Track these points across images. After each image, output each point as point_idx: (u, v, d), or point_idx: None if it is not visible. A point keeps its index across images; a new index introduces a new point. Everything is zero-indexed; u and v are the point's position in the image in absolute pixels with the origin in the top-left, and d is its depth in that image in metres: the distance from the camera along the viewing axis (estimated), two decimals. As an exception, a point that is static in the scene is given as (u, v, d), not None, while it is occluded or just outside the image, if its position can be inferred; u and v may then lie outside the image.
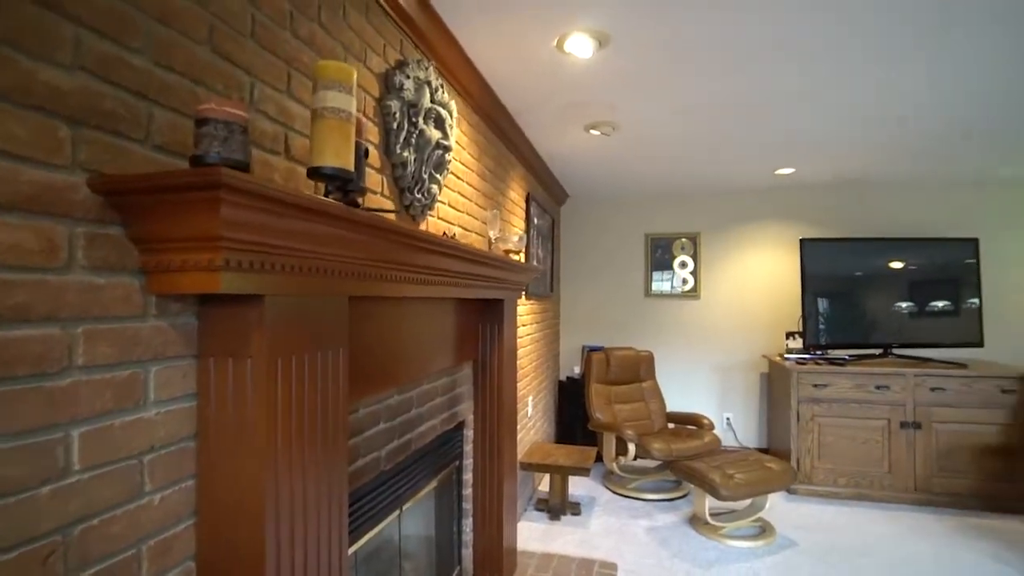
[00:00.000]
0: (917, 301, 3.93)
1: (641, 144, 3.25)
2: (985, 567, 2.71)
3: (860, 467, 3.56)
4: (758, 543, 2.94)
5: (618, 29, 1.88)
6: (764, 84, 2.33)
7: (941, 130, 2.97)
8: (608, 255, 4.84)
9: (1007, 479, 3.36)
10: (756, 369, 4.52)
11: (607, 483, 3.84)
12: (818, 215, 4.43)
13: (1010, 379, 3.40)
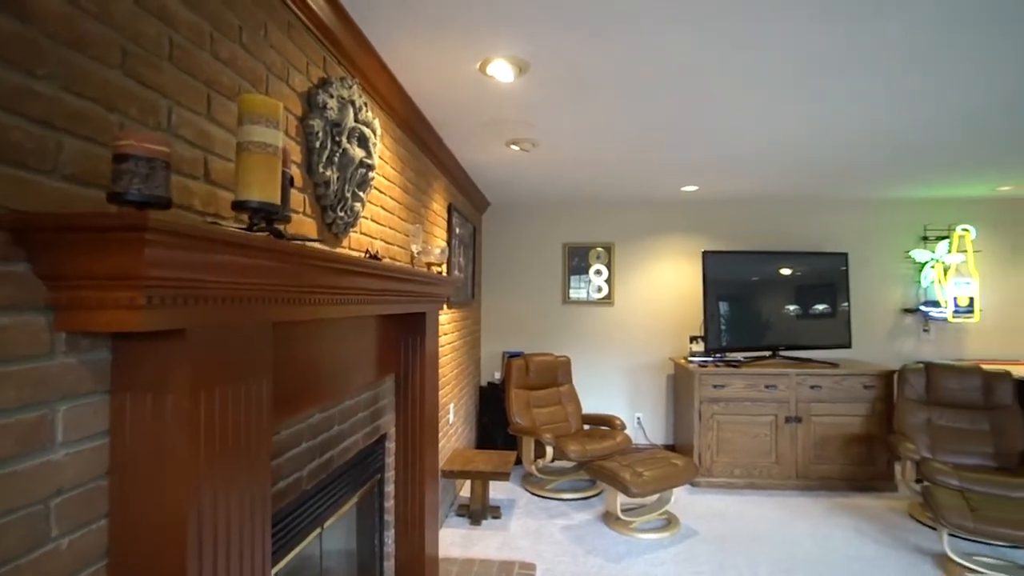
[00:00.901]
0: (802, 304, 4.42)
1: (559, 160, 3.40)
2: (850, 540, 3.11)
3: (752, 459, 3.94)
4: (664, 535, 3.18)
5: (537, 58, 1.98)
6: (670, 111, 2.54)
7: (826, 159, 3.37)
8: (528, 263, 4.99)
9: (867, 462, 3.87)
10: (664, 371, 4.85)
11: (526, 485, 3.97)
12: (719, 229, 4.84)
13: (870, 376, 3.91)
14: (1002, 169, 3.62)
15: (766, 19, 1.69)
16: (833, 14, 1.66)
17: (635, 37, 1.81)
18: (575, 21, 1.71)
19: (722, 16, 1.67)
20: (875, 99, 2.36)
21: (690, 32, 1.77)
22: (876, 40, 1.82)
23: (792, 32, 1.77)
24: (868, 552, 2.98)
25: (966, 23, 1.71)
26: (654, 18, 1.69)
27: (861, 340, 4.63)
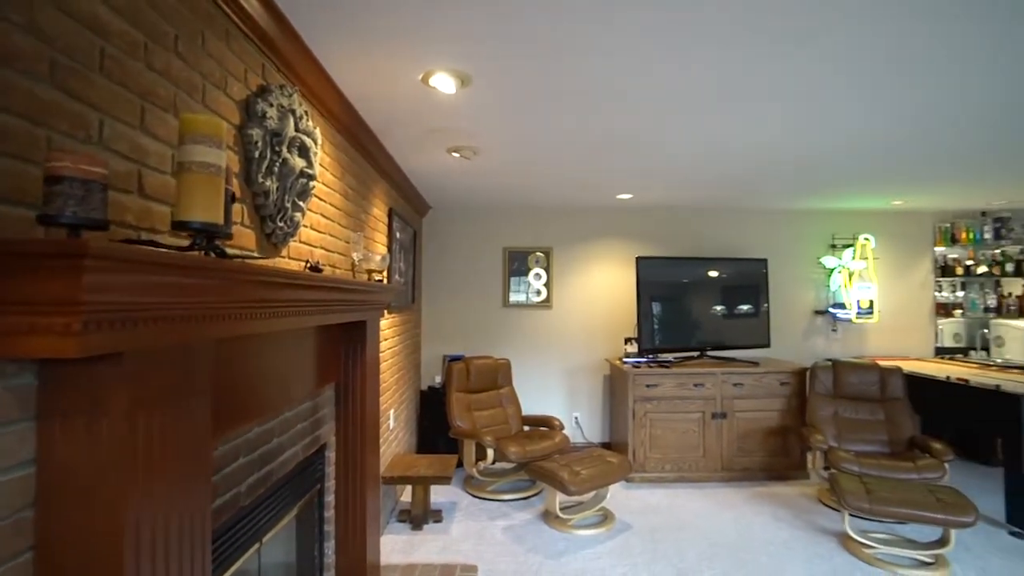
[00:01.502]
0: (728, 306, 4.72)
1: (500, 167, 3.47)
2: (767, 526, 3.37)
3: (682, 454, 4.17)
4: (600, 530, 3.31)
5: (480, 72, 2.02)
6: (606, 125, 2.66)
7: (747, 174, 3.62)
8: (469, 266, 5.02)
9: (783, 453, 4.20)
10: (600, 371, 5.03)
11: (468, 488, 4.01)
12: (652, 235, 5.07)
13: (786, 373, 4.25)
14: (894, 187, 4.04)
15: (686, 47, 1.82)
16: (737, 45, 1.81)
17: (572, 58, 1.89)
18: (516, 41, 1.77)
19: (649, 41, 1.79)
20: (777, 124, 2.58)
21: (622, 55, 1.88)
22: (777, 72, 2.01)
23: (707, 59, 1.92)
24: (783, 536, 3.24)
25: (863, 61, 1.92)
26: (588, 42, 1.78)
27: (779, 340, 5.00)
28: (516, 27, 1.68)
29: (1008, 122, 2.57)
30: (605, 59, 1.90)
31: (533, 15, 1.60)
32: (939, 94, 2.23)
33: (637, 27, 1.68)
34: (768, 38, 1.75)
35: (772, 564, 2.91)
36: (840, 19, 1.63)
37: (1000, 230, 5.11)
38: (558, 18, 1.62)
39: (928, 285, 5.20)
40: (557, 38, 1.74)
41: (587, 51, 1.84)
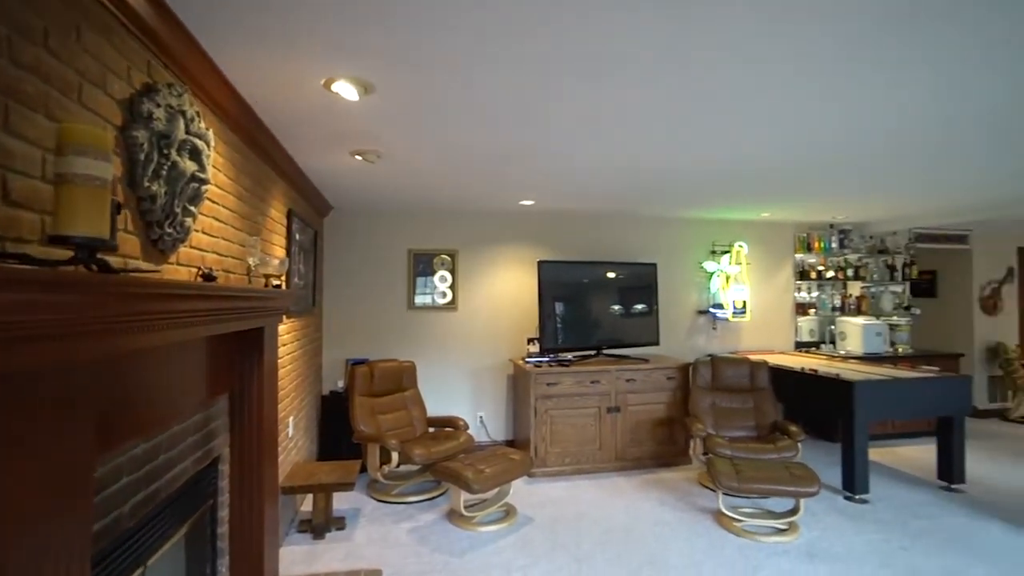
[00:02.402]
0: (623, 307, 5.06)
1: (405, 171, 3.48)
2: (655, 509, 3.68)
3: (580, 447, 4.42)
4: (503, 525, 3.44)
5: (382, 81, 2.05)
6: (509, 135, 2.77)
7: (641, 185, 3.91)
8: (373, 268, 4.95)
9: (670, 442, 4.59)
10: (504, 371, 5.18)
11: (372, 492, 3.97)
12: (553, 239, 5.31)
13: (672, 369, 4.65)
14: (762, 202, 4.57)
15: (581, 71, 1.98)
16: (606, 77, 2.01)
17: (473, 73, 1.98)
18: (417, 54, 1.82)
19: (544, 63, 1.92)
20: (662, 145, 2.86)
21: (522, 72, 2.00)
22: (660, 97, 2.24)
23: (599, 82, 2.10)
24: (668, 517, 3.56)
25: (732, 99, 2.19)
26: (488, 58, 1.87)
27: (667, 338, 5.45)
28: (417, 41, 1.73)
29: (844, 157, 3.03)
30: (505, 75, 2.01)
31: (432, 31, 1.66)
32: (796, 130, 2.58)
33: (533, 50, 1.80)
34: (640, 68, 1.95)
35: (658, 544, 3.19)
36: (718, 58, 1.86)
37: (844, 240, 5.94)
38: (457, 35, 1.69)
39: (790, 287, 5.92)
40: (457, 53, 1.81)
41: (488, 67, 1.93)
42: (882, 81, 2.04)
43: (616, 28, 1.64)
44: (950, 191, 4.17)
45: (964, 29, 1.64)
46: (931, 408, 4.06)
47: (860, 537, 3.25)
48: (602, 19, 1.59)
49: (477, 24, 1.60)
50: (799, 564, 2.93)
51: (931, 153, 3.05)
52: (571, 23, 1.61)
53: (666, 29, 1.64)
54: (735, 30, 1.65)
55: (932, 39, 1.71)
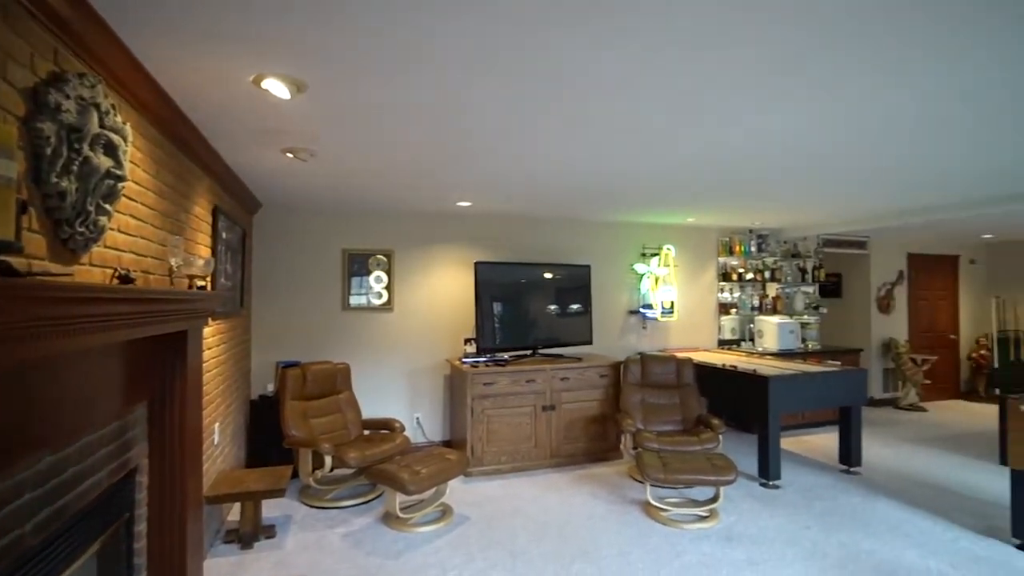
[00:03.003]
0: (559, 308, 5.19)
1: (339, 171, 3.41)
2: (588, 503, 3.82)
3: (516, 445, 4.50)
4: (439, 525, 3.45)
5: (315, 81, 2.02)
6: (445, 139, 2.79)
7: (578, 187, 4.03)
8: (306, 268, 4.81)
9: (602, 438, 4.77)
10: (441, 372, 5.18)
11: (304, 499, 3.86)
12: (491, 240, 5.36)
13: (604, 367, 4.82)
14: (687, 208, 4.83)
15: (518, 76, 2.04)
16: (539, 84, 2.09)
17: (408, 74, 1.99)
18: (351, 54, 1.81)
19: (476, 66, 1.96)
20: (592, 152, 2.98)
21: (453, 77, 2.03)
22: (579, 110, 2.34)
23: (532, 93, 2.17)
24: (600, 510, 3.70)
25: (651, 113, 2.32)
26: (421, 58, 1.89)
27: (600, 337, 5.64)
28: (352, 42, 1.72)
29: (761, 168, 3.27)
30: (440, 78, 2.03)
31: (367, 32, 1.66)
32: (721, 143, 2.76)
33: (467, 55, 1.83)
34: (571, 78, 2.04)
35: (590, 536, 3.31)
36: (646, 75, 1.97)
37: (762, 244, 6.38)
38: (392, 37, 1.70)
39: (713, 288, 6.28)
40: (392, 55, 1.82)
41: (423, 70, 1.95)
42: (780, 107, 2.23)
43: (550, 37, 1.70)
44: (849, 201, 4.59)
45: (863, 57, 1.83)
46: (834, 399, 4.45)
47: (772, 520, 3.52)
48: (537, 29, 1.65)
49: (412, 26, 1.61)
50: (718, 547, 3.14)
51: (834, 166, 3.36)
52: (505, 30, 1.66)
53: (598, 44, 1.73)
54: (664, 50, 1.76)
55: (838, 65, 1.89)
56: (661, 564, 2.95)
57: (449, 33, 1.66)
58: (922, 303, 7.44)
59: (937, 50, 1.76)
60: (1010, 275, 7.53)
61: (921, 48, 1.75)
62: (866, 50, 1.76)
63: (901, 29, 1.62)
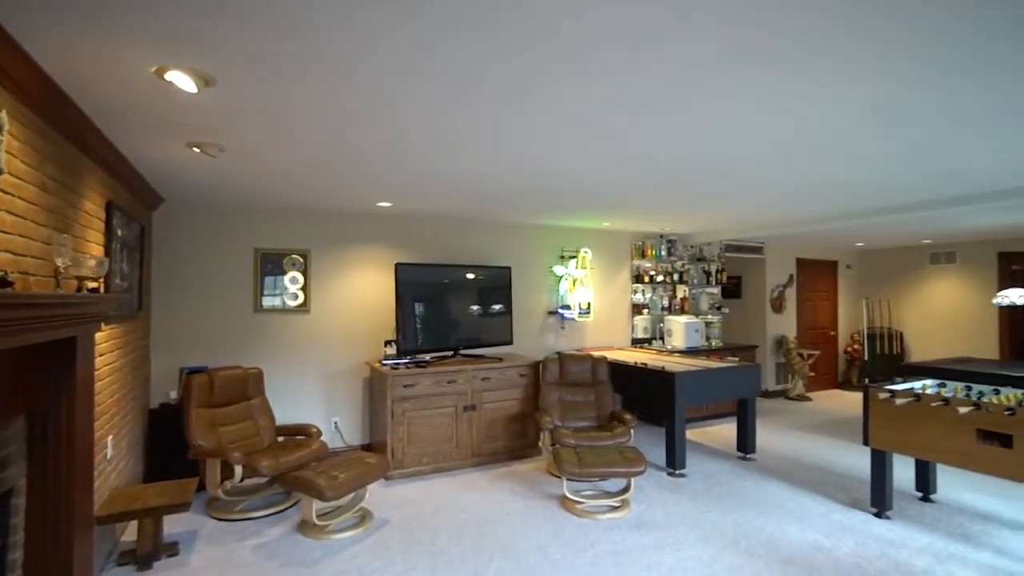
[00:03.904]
0: (480, 309, 5.25)
1: (251, 168, 3.27)
2: (508, 499, 3.91)
3: (437, 446, 4.51)
4: (358, 530, 3.40)
5: (225, 76, 1.94)
6: (358, 140, 2.76)
7: (495, 192, 4.10)
8: (213, 268, 4.54)
9: (522, 436, 4.89)
10: (360, 374, 5.08)
11: (212, 512, 3.66)
12: (412, 241, 5.32)
13: (524, 366, 4.95)
14: (603, 212, 5.07)
15: (433, 81, 2.08)
16: (453, 89, 2.15)
17: (322, 72, 1.97)
18: (263, 54, 1.77)
19: (390, 72, 1.98)
20: (505, 158, 3.07)
21: (367, 81, 2.03)
22: (494, 115, 2.42)
23: (431, 101, 2.21)
24: (519, 506, 3.81)
25: (563, 124, 2.44)
26: (335, 56, 1.88)
27: (520, 338, 5.77)
28: (263, 38, 1.68)
29: (667, 178, 3.52)
30: (354, 83, 2.02)
31: (279, 28, 1.62)
32: (635, 151, 2.94)
33: (382, 55, 1.85)
34: (486, 84, 2.11)
35: (509, 531, 3.40)
36: (559, 86, 2.07)
37: (671, 248, 6.80)
38: (305, 34, 1.67)
39: (627, 290, 6.62)
40: (306, 52, 1.78)
41: (337, 69, 1.94)
42: (680, 121, 2.43)
43: (464, 44, 1.76)
44: (748, 211, 5.02)
45: (761, 79, 2.04)
46: (732, 392, 4.85)
47: (677, 506, 3.78)
48: (448, 35, 1.69)
49: (324, 24, 1.59)
50: (628, 535, 3.33)
51: (732, 180, 3.67)
52: (419, 34, 1.69)
53: (517, 53, 1.80)
54: (573, 64, 1.87)
55: (726, 89, 2.09)
56: (576, 554, 3.10)
57: (364, 36, 1.66)
58: (808, 303, 8.25)
59: (819, 79, 2.00)
60: (877, 278, 8.55)
61: (805, 75, 1.97)
62: (753, 79, 1.97)
63: (785, 61, 1.83)
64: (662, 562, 3.00)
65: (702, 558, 3.04)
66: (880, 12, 1.49)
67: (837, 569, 2.91)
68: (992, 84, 2.01)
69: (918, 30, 1.60)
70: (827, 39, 1.65)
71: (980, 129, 2.55)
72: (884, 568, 2.93)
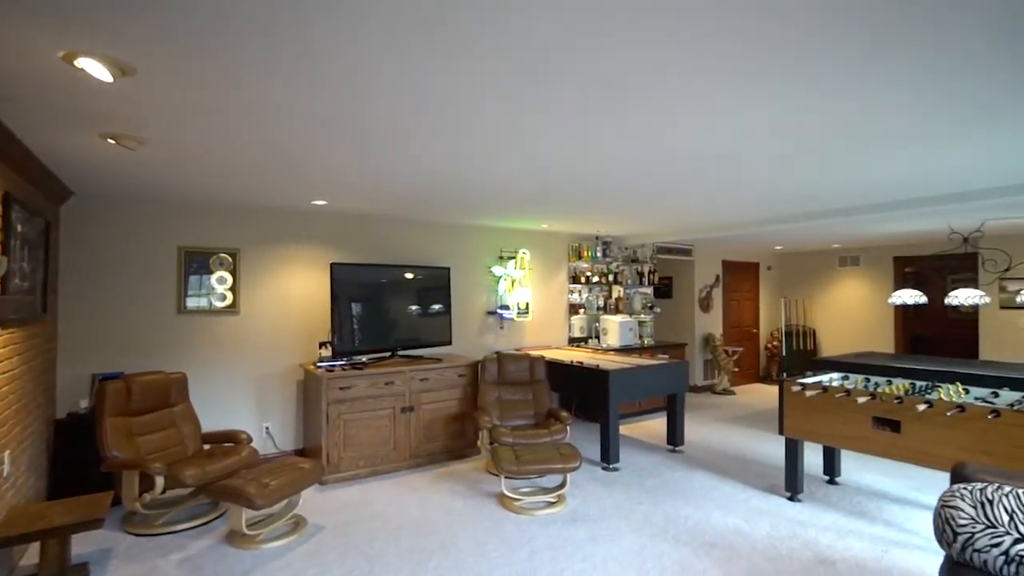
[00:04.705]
0: (419, 308, 5.21)
1: (175, 162, 3.10)
2: (446, 500, 3.92)
3: (374, 449, 4.45)
4: (291, 538, 3.30)
5: (145, 66, 1.84)
6: (291, 140, 2.69)
7: (438, 192, 4.09)
8: (131, 267, 4.26)
9: (461, 436, 4.91)
10: (294, 377, 4.92)
11: (129, 527, 3.43)
12: (350, 240, 5.21)
13: (463, 367, 4.97)
14: (540, 215, 5.17)
15: (361, 78, 2.07)
16: (376, 90, 2.16)
17: (248, 67, 1.91)
18: (187, 41, 1.69)
19: (312, 67, 1.96)
20: (438, 159, 3.09)
21: (291, 78, 2.00)
22: (426, 116, 2.45)
23: (353, 100, 2.21)
24: (458, 505, 3.82)
25: (497, 130, 2.49)
26: (258, 62, 1.84)
27: (459, 338, 5.78)
28: (186, 28, 1.61)
29: (598, 184, 3.65)
30: (285, 81, 1.98)
31: (203, 18, 1.56)
32: (573, 157, 3.02)
33: (306, 51, 1.82)
34: (414, 84, 2.12)
35: (448, 531, 3.41)
36: (485, 96, 2.10)
37: (606, 250, 7.03)
38: (230, 26, 1.62)
39: (564, 290, 6.77)
40: (232, 44, 1.72)
41: (267, 73, 1.89)
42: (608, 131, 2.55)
43: (401, 50, 1.76)
44: (677, 215, 5.28)
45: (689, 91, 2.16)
46: (663, 388, 5.08)
47: (611, 499, 3.93)
48: (387, 42, 1.70)
49: (247, 17, 1.55)
50: (564, 529, 3.43)
51: (660, 188, 3.86)
52: (349, 35, 1.68)
53: (453, 58, 1.83)
54: (497, 72, 1.91)
55: (654, 102, 2.21)
56: (514, 550, 3.16)
57: (299, 39, 1.63)
58: (733, 303, 8.76)
59: (745, 93, 2.15)
60: (794, 280, 9.20)
61: (728, 91, 2.12)
62: (680, 93, 2.09)
63: (708, 78, 1.96)
64: (596, 553, 3.11)
65: (633, 548, 3.18)
66: (784, 40, 1.64)
67: (754, 550, 3.13)
68: (890, 106, 2.23)
69: (815, 58, 1.76)
70: (743, 62, 1.79)
71: (878, 147, 2.83)
72: (795, 547, 3.18)
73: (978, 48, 1.69)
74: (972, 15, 1.50)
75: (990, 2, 1.43)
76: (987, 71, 1.88)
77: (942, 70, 1.87)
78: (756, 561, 3.01)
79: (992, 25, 1.56)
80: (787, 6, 1.46)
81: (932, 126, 2.50)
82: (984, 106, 2.23)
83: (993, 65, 1.83)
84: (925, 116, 2.36)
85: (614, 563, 3.00)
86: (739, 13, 1.50)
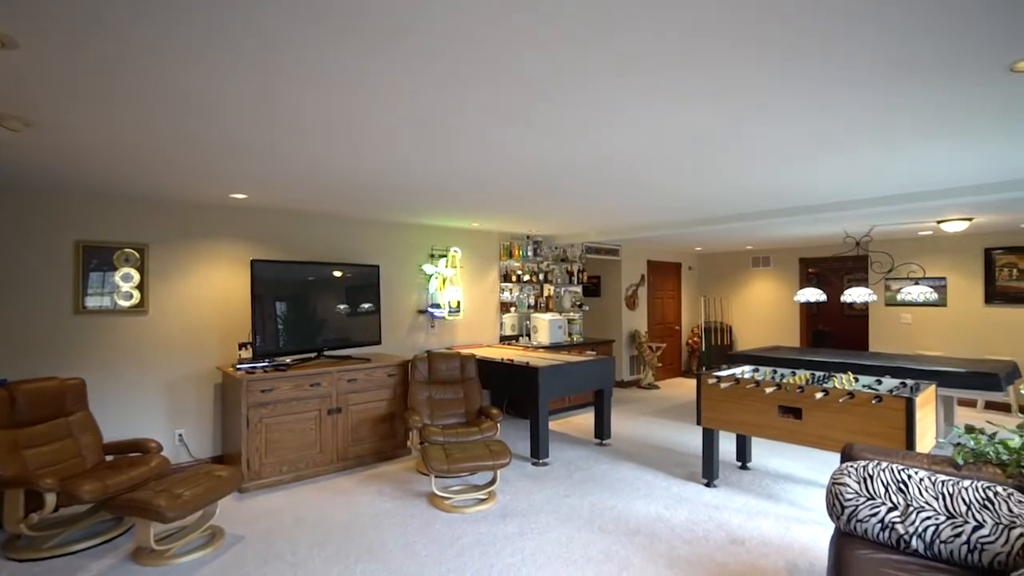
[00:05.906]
0: (350, 305, 5.07)
1: (68, 148, 2.85)
2: (375, 501, 3.84)
3: (299, 453, 4.28)
4: (207, 551, 3.12)
5: (29, 39, 1.68)
6: (196, 129, 2.55)
7: (354, 189, 3.98)
8: (17, 263, 3.85)
9: (391, 436, 4.83)
10: (211, 381, 4.64)
11: (11, 553, 3.09)
12: (270, 237, 4.98)
13: (393, 366, 4.89)
14: (471, 213, 5.18)
15: (275, 66, 2.00)
16: (288, 78, 2.11)
17: (158, 57, 1.80)
18: (77, 15, 1.57)
19: (232, 52, 1.88)
20: (369, 157, 3.05)
21: (202, 63, 1.90)
22: (349, 110, 2.41)
23: (265, 89, 2.15)
24: (386, 507, 3.76)
25: (424, 132, 2.48)
26: (165, 47, 1.74)
27: (389, 337, 5.68)
28: (79, 7, 1.50)
29: (526, 185, 3.71)
30: (185, 67, 1.88)
31: (112, 8, 1.47)
32: (499, 156, 3.05)
33: (220, 34, 1.74)
34: (343, 79, 2.08)
35: (376, 533, 3.35)
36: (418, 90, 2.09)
37: (537, 249, 7.14)
38: (116, 11, 1.53)
39: (496, 288, 6.82)
40: (138, 33, 1.63)
41: (177, 57, 1.78)
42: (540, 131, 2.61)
43: (324, 40, 1.72)
44: (603, 217, 5.46)
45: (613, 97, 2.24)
46: (590, 384, 5.24)
47: (540, 493, 4.01)
48: (305, 30, 1.65)
49: (165, 5, 1.47)
50: (494, 525, 3.46)
51: (587, 191, 3.98)
52: (253, 20, 1.63)
53: (378, 51, 1.80)
54: (434, 64, 1.91)
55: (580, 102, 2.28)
56: (443, 548, 3.15)
57: (214, 24, 1.56)
58: (657, 301, 9.16)
59: (666, 100, 2.26)
60: (712, 279, 9.77)
61: (649, 97, 2.22)
62: (600, 96, 2.17)
63: (631, 81, 2.05)
64: (524, 547, 3.16)
65: (561, 539, 3.26)
66: (703, 56, 1.75)
67: (673, 534, 3.31)
68: (785, 123, 2.43)
69: (714, 78, 1.89)
70: (665, 74, 1.89)
71: (788, 158, 3.07)
72: (710, 528, 3.39)
73: (838, 96, 1.89)
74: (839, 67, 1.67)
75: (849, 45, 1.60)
76: (840, 107, 2.09)
77: (826, 107, 2.06)
78: (675, 544, 3.18)
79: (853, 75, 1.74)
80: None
81: (814, 147, 2.75)
82: (849, 131, 2.48)
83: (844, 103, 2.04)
84: (809, 136, 2.59)
85: (542, 555, 3.06)
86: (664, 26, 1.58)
